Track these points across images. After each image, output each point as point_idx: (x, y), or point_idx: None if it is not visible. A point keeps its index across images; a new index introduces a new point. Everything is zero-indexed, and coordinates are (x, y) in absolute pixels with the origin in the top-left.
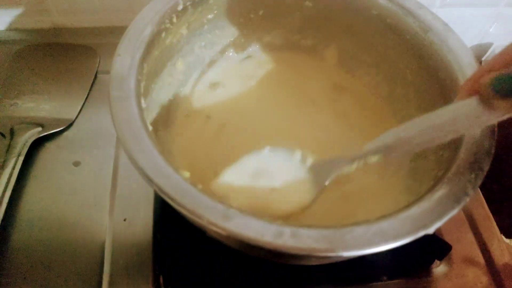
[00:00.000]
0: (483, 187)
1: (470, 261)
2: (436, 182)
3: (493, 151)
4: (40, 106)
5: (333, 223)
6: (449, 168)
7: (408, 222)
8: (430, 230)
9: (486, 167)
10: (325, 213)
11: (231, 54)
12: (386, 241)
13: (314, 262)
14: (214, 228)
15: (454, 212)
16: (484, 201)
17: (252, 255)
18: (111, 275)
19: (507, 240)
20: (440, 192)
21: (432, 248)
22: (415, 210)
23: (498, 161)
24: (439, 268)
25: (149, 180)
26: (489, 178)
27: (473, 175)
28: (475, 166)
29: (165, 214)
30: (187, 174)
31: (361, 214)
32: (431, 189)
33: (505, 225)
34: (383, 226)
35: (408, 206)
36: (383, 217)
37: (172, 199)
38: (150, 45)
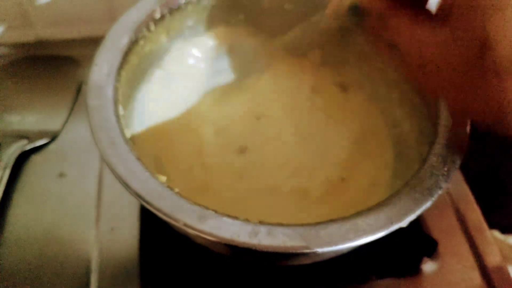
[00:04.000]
0: (475, 183)
1: (459, 257)
2: (411, 177)
3: (466, 145)
4: (25, 119)
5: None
6: (423, 163)
7: (382, 217)
8: (404, 224)
9: (459, 161)
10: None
11: (213, 60)
12: (360, 236)
13: (297, 262)
14: (190, 230)
15: (427, 205)
16: (472, 196)
17: (237, 259)
18: (98, 287)
19: (502, 236)
20: (414, 186)
21: (419, 245)
22: (389, 204)
23: (492, 157)
24: (428, 265)
25: (126, 185)
26: (483, 174)
27: (445, 169)
28: (447, 160)
29: (152, 223)
30: (163, 178)
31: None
32: (405, 184)
33: (499, 221)
34: (357, 221)
35: (382, 202)
36: (358, 213)
37: (148, 202)
38: (128, 53)
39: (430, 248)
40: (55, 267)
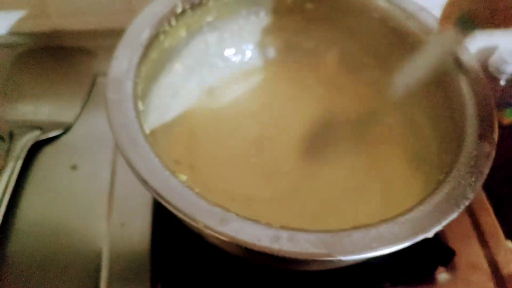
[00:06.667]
0: (491, 192)
1: (474, 267)
2: (437, 186)
3: (493, 154)
4: (39, 109)
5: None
6: (449, 171)
7: (407, 226)
8: (429, 234)
9: (486, 170)
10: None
11: (231, 57)
12: (385, 245)
13: (314, 268)
14: (211, 233)
15: (453, 216)
16: (489, 205)
17: (252, 261)
18: (108, 282)
19: None
20: (439, 196)
21: (435, 254)
22: (415, 214)
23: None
24: (442, 275)
25: (145, 183)
26: (499, 183)
27: (473, 179)
28: (475, 170)
29: (164, 219)
30: (183, 177)
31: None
32: (430, 193)
33: None
34: (382, 230)
35: (407, 210)
36: (382, 221)
37: (168, 202)
38: (148, 48)
39: (446, 257)
40: (65, 260)
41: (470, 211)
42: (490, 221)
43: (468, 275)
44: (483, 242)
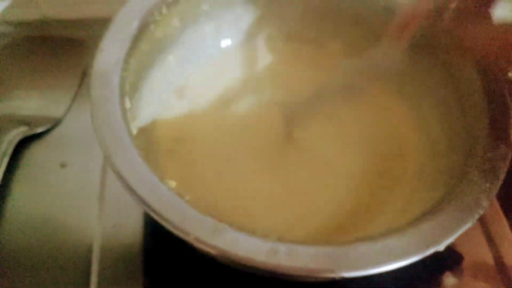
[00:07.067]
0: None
1: (482, 273)
2: (447, 192)
3: (510, 156)
4: (26, 103)
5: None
6: (461, 175)
7: (416, 239)
8: (441, 247)
9: (502, 175)
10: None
11: (228, 47)
12: (393, 260)
13: (314, 281)
14: (202, 246)
15: (466, 226)
16: (500, 208)
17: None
18: (98, 285)
19: None
20: (451, 204)
21: (442, 258)
22: (424, 224)
23: None
24: (449, 280)
25: (130, 190)
26: (507, 183)
27: (487, 185)
28: (490, 174)
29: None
30: (173, 183)
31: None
32: (441, 201)
33: None
34: (388, 243)
35: (416, 219)
36: (389, 232)
37: (156, 212)
38: (138, 38)
39: (454, 262)
40: (54, 262)
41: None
42: (499, 223)
43: (476, 280)
44: (491, 246)
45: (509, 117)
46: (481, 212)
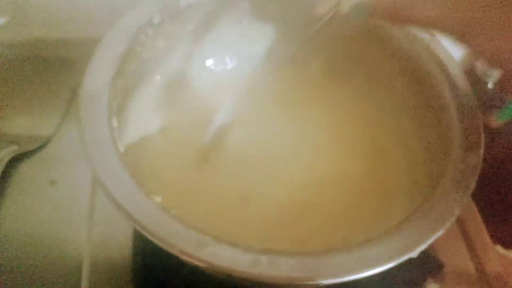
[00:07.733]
0: (479, 197)
1: (463, 277)
2: (422, 202)
3: (480, 166)
4: (16, 122)
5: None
6: (435, 186)
7: (391, 246)
8: (414, 254)
9: (473, 184)
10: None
11: (213, 67)
12: (368, 267)
13: None
14: (188, 259)
15: (438, 234)
16: (477, 212)
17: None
18: None
19: (504, 252)
20: (425, 213)
21: (424, 266)
22: (398, 233)
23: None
24: (431, 286)
25: (117, 205)
26: (486, 187)
27: (459, 194)
28: (461, 184)
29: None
30: (159, 198)
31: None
32: (415, 210)
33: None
34: (365, 251)
35: (391, 229)
36: (365, 241)
37: (143, 227)
38: (125, 60)
39: (435, 269)
40: (45, 278)
41: (458, 219)
42: (478, 228)
43: (456, 285)
44: (471, 250)
45: (479, 128)
46: (453, 219)
